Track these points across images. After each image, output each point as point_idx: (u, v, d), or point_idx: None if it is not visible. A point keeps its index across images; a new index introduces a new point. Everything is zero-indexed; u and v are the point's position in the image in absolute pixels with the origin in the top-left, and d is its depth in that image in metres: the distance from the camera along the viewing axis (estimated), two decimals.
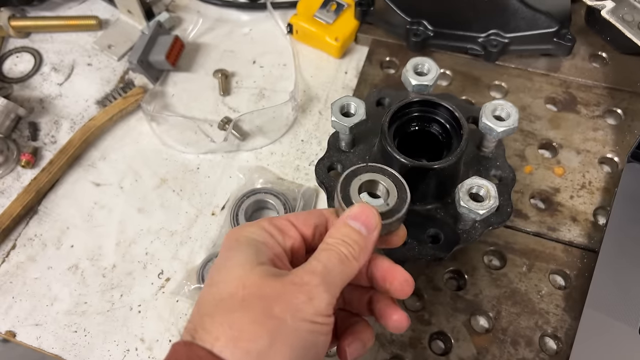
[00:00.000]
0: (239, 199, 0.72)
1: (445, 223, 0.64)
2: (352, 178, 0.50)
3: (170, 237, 0.74)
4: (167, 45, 0.84)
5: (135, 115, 0.84)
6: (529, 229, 0.71)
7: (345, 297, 0.51)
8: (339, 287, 0.43)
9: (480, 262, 0.69)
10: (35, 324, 0.69)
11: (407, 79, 0.66)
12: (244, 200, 0.72)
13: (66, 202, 0.77)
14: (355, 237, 0.45)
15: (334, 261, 0.43)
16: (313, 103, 0.84)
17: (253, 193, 0.73)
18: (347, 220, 0.45)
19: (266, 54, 0.89)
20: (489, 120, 0.61)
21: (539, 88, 0.82)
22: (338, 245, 0.44)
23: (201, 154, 0.80)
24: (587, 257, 0.68)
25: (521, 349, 0.63)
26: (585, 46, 0.85)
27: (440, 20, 0.82)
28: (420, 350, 0.64)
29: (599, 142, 0.77)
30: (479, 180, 0.58)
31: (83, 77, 0.88)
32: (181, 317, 0.68)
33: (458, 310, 0.66)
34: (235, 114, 0.83)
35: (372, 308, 0.49)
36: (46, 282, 0.71)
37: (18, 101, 0.84)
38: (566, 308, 0.65)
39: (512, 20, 0.79)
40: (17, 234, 0.75)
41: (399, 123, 0.64)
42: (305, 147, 0.80)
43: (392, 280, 0.47)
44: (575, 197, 0.73)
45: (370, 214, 0.46)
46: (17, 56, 0.91)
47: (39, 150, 0.81)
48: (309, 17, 0.87)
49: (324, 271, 0.42)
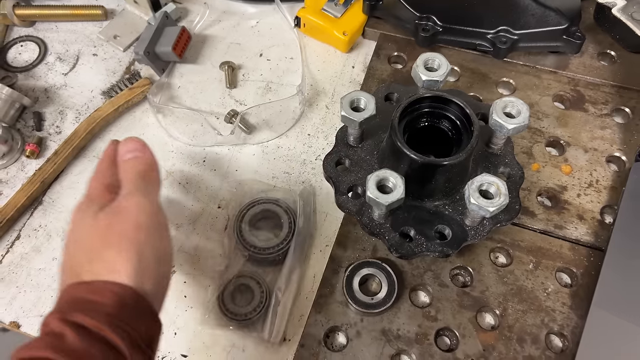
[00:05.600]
0: (239, 213, 0.71)
1: (454, 220, 0.64)
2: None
3: (175, 230, 0.73)
4: (174, 36, 0.84)
5: (141, 106, 0.84)
6: (536, 227, 0.71)
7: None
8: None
9: (486, 259, 0.69)
10: (39, 315, 0.68)
11: (417, 74, 0.66)
12: (244, 213, 0.71)
13: (71, 193, 0.77)
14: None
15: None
16: (320, 97, 0.84)
17: (252, 205, 0.71)
18: (125, 155, 0.60)
19: (273, 47, 0.89)
20: (499, 117, 0.61)
21: (547, 86, 0.81)
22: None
23: (207, 147, 0.79)
24: (593, 256, 0.68)
25: (527, 346, 0.63)
26: (594, 44, 0.85)
27: (449, 16, 0.82)
28: (426, 346, 0.64)
29: (606, 141, 0.76)
30: (489, 177, 0.57)
31: (88, 68, 0.88)
32: (186, 310, 0.68)
33: (464, 306, 0.66)
34: (242, 107, 0.83)
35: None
36: (51, 273, 0.71)
37: (22, 91, 0.84)
38: (572, 306, 0.65)
39: (522, 17, 0.79)
40: (21, 225, 0.75)
41: (409, 118, 0.64)
42: (312, 141, 0.80)
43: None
44: (583, 196, 0.73)
45: (135, 142, 0.61)
46: (22, 45, 0.91)
47: (43, 140, 0.81)
48: (316, 11, 0.86)
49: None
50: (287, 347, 0.65)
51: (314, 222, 0.73)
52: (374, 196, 0.57)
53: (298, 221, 0.71)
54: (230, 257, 0.70)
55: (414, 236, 0.63)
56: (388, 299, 0.64)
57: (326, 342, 0.65)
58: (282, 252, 0.69)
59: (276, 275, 0.68)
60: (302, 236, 0.70)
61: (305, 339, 0.64)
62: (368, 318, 0.65)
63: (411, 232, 0.64)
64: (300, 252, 0.69)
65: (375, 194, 0.57)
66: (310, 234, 0.72)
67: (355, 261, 0.68)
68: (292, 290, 0.68)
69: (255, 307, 0.66)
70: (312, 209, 0.74)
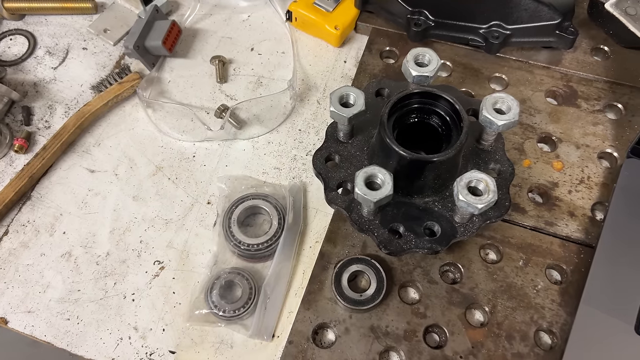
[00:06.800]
0: (228, 209, 0.71)
1: (443, 216, 0.64)
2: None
3: (165, 226, 0.73)
4: (164, 30, 0.83)
5: (130, 101, 0.83)
6: (527, 223, 0.71)
7: None
8: None
9: (476, 255, 0.68)
10: (27, 311, 0.68)
11: (407, 69, 0.65)
12: (233, 209, 0.70)
13: (60, 188, 0.76)
14: None
15: None
16: (311, 92, 0.83)
17: (241, 201, 0.71)
18: None
19: (265, 42, 0.88)
20: (489, 114, 0.61)
21: (540, 81, 0.81)
22: None
23: (197, 142, 0.79)
24: (584, 253, 0.68)
25: (516, 343, 0.63)
26: (587, 39, 0.84)
27: (441, 10, 0.81)
28: (415, 343, 0.63)
29: (598, 137, 0.76)
30: (478, 174, 0.57)
31: (78, 62, 0.87)
32: (175, 306, 0.67)
33: (454, 303, 0.66)
34: (232, 102, 0.82)
35: None
36: (39, 269, 0.71)
37: (11, 85, 0.83)
38: (562, 303, 0.65)
39: (515, 12, 0.78)
40: (9, 220, 0.74)
41: (399, 114, 0.63)
42: (303, 137, 0.79)
43: None
44: (574, 192, 0.72)
45: None
46: (11, 38, 0.90)
47: (32, 135, 0.80)
48: (308, 5, 0.86)
49: None
50: (275, 343, 0.65)
51: (305, 218, 0.73)
52: (362, 193, 0.57)
53: (287, 217, 0.70)
54: (219, 253, 0.70)
55: (403, 233, 0.63)
56: (377, 296, 0.64)
57: (315, 339, 0.65)
58: (271, 249, 0.68)
59: (265, 271, 0.68)
60: (291, 232, 0.70)
61: (293, 335, 0.64)
62: (357, 315, 0.65)
63: (400, 229, 0.63)
64: (289, 249, 0.69)
65: (363, 191, 0.57)
66: (299, 230, 0.71)
67: (345, 257, 0.67)
68: (281, 287, 0.67)
69: (244, 303, 0.65)
70: (302, 205, 0.73)
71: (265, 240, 0.69)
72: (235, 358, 0.64)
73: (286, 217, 0.70)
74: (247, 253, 0.68)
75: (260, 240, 0.69)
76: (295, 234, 0.70)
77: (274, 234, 0.69)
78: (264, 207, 0.71)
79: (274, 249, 0.69)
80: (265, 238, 0.69)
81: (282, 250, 0.68)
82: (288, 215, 0.70)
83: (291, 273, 0.69)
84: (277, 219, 0.70)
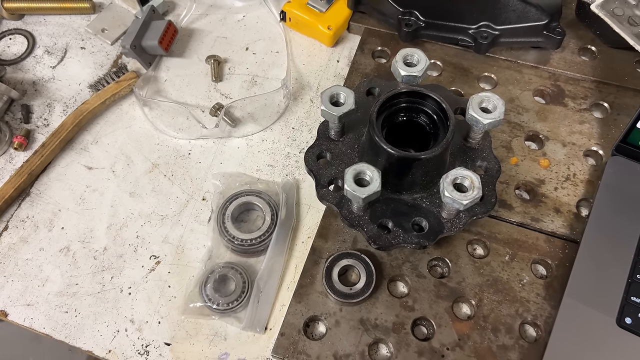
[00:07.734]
0: (222, 205, 0.72)
1: (431, 212, 0.65)
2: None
3: (161, 221, 0.75)
4: (160, 30, 0.85)
5: (127, 99, 0.85)
6: (513, 219, 0.72)
7: None
8: None
9: (464, 250, 0.70)
10: (27, 304, 0.70)
11: (396, 69, 0.67)
12: (227, 205, 0.72)
13: (58, 185, 0.78)
14: None
15: None
16: (305, 91, 0.85)
17: (235, 197, 0.73)
18: None
19: (259, 41, 0.90)
20: (475, 112, 0.62)
21: (528, 80, 0.83)
22: None
23: (193, 140, 0.81)
24: (568, 248, 0.70)
25: (501, 335, 0.65)
26: (575, 39, 0.86)
27: (431, 11, 0.83)
28: (403, 336, 0.65)
29: (584, 135, 0.78)
30: (464, 171, 0.59)
31: (76, 61, 0.89)
32: (170, 300, 0.69)
33: (441, 297, 0.67)
34: (227, 101, 0.84)
35: None
36: (38, 263, 0.72)
37: (11, 83, 0.85)
38: (546, 297, 0.67)
39: (503, 13, 0.80)
40: (9, 216, 0.76)
41: (387, 113, 0.65)
42: (296, 135, 0.81)
43: None
44: (560, 189, 0.74)
45: None
46: (10, 38, 0.91)
47: (31, 133, 0.82)
48: (302, 5, 0.87)
49: None
50: (268, 335, 0.67)
51: (297, 214, 0.75)
52: (351, 189, 0.58)
53: (280, 213, 0.72)
54: (213, 248, 0.71)
55: (392, 228, 0.65)
56: (366, 289, 0.66)
57: (306, 331, 0.66)
58: (264, 244, 0.70)
59: (258, 266, 0.70)
60: (284, 228, 0.72)
61: (285, 327, 0.66)
62: (347, 308, 0.67)
63: (389, 224, 0.65)
64: (282, 244, 0.71)
65: (352, 187, 0.58)
66: (292, 225, 0.73)
67: (336, 252, 0.69)
68: (273, 281, 0.69)
69: (237, 297, 0.67)
70: (295, 202, 0.75)
71: (259, 235, 0.70)
72: (229, 350, 0.66)
73: (279, 213, 0.72)
74: (240, 248, 0.70)
75: (253, 236, 0.70)
76: (287, 229, 0.72)
77: (267, 229, 0.71)
78: (257, 204, 0.73)
79: (266, 244, 0.70)
80: (258, 233, 0.71)
81: (275, 246, 0.70)
82: (281, 211, 0.72)
83: (284, 267, 0.71)
84: (270, 215, 0.72)
